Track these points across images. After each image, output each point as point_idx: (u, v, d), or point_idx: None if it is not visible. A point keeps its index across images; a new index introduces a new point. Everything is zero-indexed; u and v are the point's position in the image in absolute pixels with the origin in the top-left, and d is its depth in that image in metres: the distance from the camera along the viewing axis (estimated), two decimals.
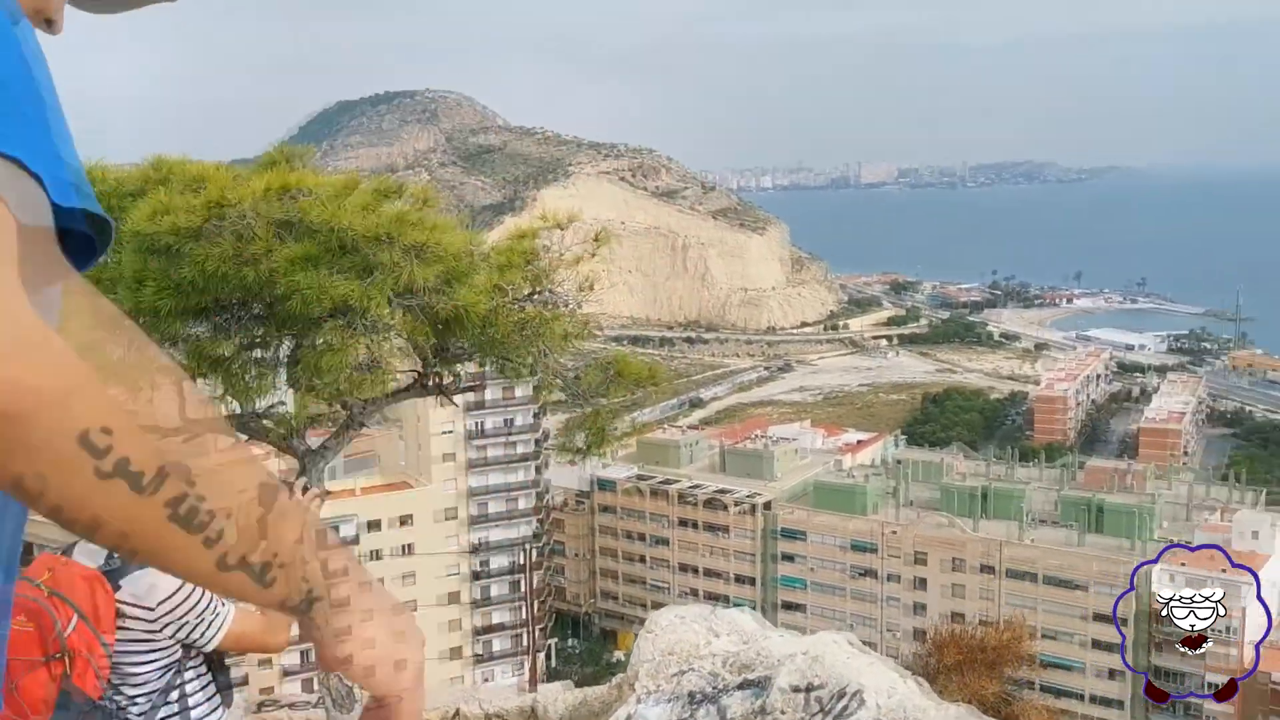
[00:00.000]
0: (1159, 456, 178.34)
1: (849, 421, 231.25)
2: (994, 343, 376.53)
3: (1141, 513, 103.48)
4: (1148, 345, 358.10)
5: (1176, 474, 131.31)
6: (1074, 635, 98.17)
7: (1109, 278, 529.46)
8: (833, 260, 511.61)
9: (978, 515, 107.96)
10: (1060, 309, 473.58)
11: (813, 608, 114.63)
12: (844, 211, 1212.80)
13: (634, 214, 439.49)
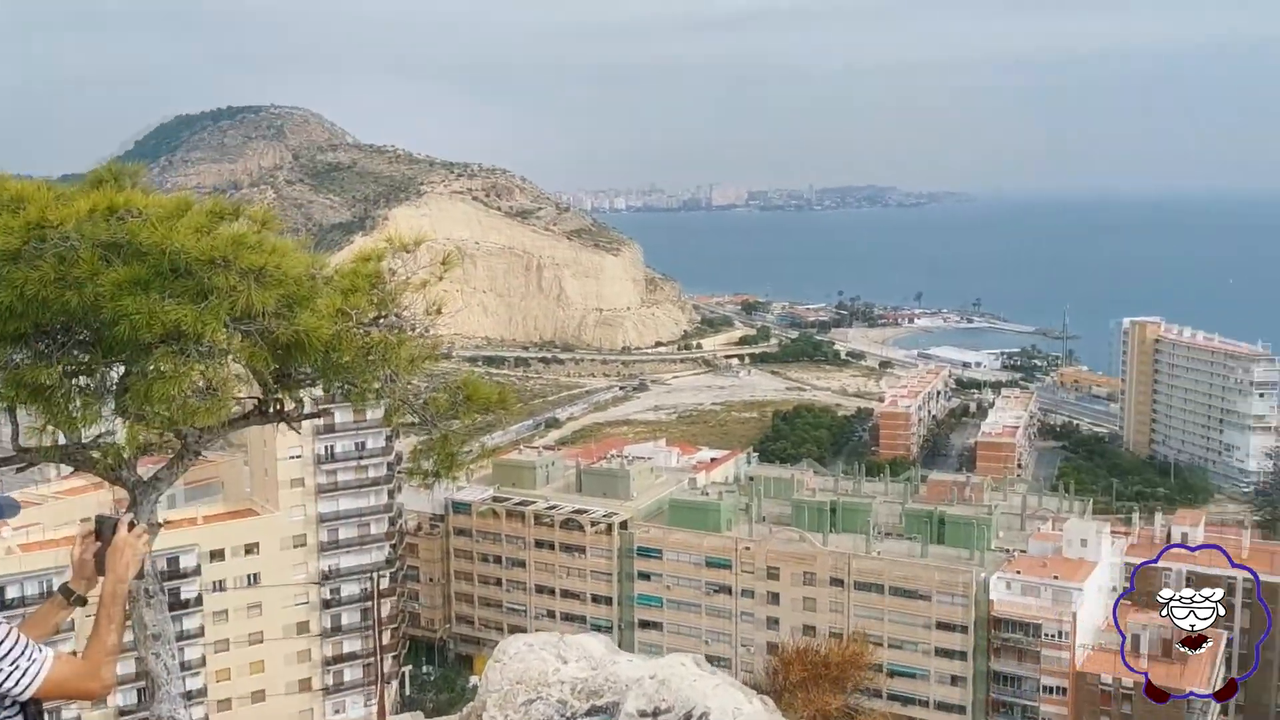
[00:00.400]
0: (995, 469, 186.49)
1: (703, 439, 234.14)
2: (841, 361, 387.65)
3: (979, 524, 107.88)
4: (983, 363, 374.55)
5: (1011, 486, 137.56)
6: (918, 644, 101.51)
7: (947, 298, 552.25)
8: (686, 281, 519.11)
9: (827, 529, 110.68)
10: (902, 328, 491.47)
11: (669, 625, 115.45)
12: (696, 233, 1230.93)
13: (488, 234, 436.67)
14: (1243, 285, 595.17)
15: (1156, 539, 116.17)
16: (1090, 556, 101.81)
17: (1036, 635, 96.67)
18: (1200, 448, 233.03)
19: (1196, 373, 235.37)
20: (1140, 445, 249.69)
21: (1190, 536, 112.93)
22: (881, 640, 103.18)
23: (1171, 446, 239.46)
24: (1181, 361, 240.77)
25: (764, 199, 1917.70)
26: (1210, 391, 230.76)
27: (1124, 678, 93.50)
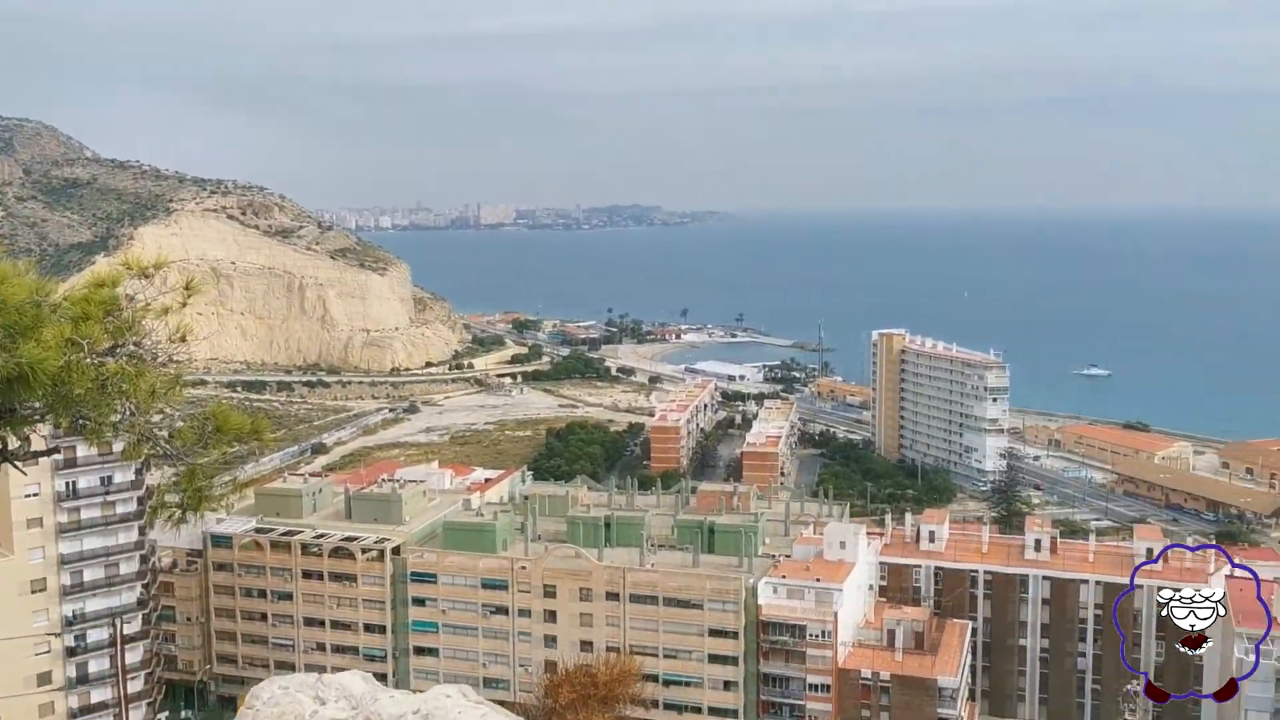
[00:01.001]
0: (760, 478, 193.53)
1: (477, 460, 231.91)
2: (612, 377, 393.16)
3: (747, 531, 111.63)
4: (747, 376, 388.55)
5: (776, 493, 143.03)
6: (692, 652, 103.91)
7: (712, 313, 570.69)
8: (456, 300, 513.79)
9: (602, 544, 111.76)
10: (670, 344, 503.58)
11: (446, 650, 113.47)
12: (466, 251, 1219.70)
13: (246, 253, 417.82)
14: (977, 298, 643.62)
15: (908, 538, 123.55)
16: (849, 557, 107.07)
17: (802, 636, 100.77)
18: (943, 450, 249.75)
19: (938, 380, 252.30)
20: (891, 450, 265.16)
21: (937, 535, 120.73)
22: (657, 651, 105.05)
23: (918, 450, 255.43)
24: (924, 370, 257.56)
25: (532, 218, 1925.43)
26: (950, 397, 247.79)
27: (882, 671, 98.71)
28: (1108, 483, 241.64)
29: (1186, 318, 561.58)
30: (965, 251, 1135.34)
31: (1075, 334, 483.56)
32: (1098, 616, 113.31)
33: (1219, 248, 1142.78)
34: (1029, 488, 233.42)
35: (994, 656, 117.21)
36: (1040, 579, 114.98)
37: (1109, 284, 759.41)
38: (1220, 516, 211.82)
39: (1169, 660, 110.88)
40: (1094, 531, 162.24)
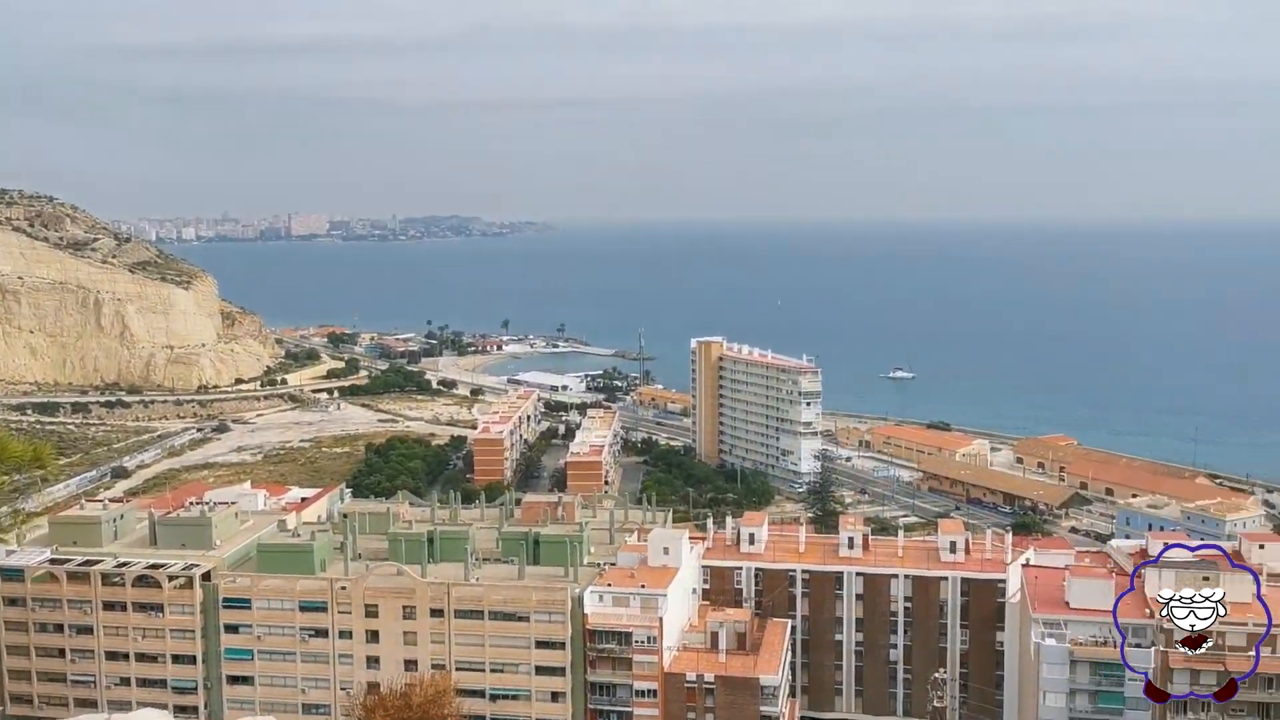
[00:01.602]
0: (585, 487, 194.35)
1: (293, 479, 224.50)
2: (433, 390, 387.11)
3: (572, 541, 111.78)
4: (570, 386, 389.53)
5: (600, 502, 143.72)
6: (520, 665, 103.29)
7: (533, 324, 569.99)
8: (268, 314, 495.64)
9: (426, 561, 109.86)
10: (492, 355, 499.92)
11: (262, 678, 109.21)
12: (277, 263, 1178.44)
13: (35, 267, 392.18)
14: (790, 307, 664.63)
15: (729, 541, 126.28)
16: (673, 563, 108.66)
17: (628, 643, 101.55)
18: (762, 454, 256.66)
19: (755, 386, 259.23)
20: (711, 455, 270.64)
21: (757, 537, 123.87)
22: (484, 666, 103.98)
23: (738, 455, 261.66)
24: (742, 377, 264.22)
25: (346, 229, 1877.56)
26: (767, 402, 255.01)
27: (707, 673, 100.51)
28: (914, 480, 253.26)
29: (983, 323, 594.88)
30: (779, 261, 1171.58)
31: (882, 339, 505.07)
32: (908, 609, 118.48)
33: (1012, 255, 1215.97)
34: (843, 488, 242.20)
35: (813, 653, 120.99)
36: (854, 575, 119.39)
37: (913, 291, 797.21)
38: (1016, 509, 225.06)
39: (973, 646, 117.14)
40: (902, 527, 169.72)
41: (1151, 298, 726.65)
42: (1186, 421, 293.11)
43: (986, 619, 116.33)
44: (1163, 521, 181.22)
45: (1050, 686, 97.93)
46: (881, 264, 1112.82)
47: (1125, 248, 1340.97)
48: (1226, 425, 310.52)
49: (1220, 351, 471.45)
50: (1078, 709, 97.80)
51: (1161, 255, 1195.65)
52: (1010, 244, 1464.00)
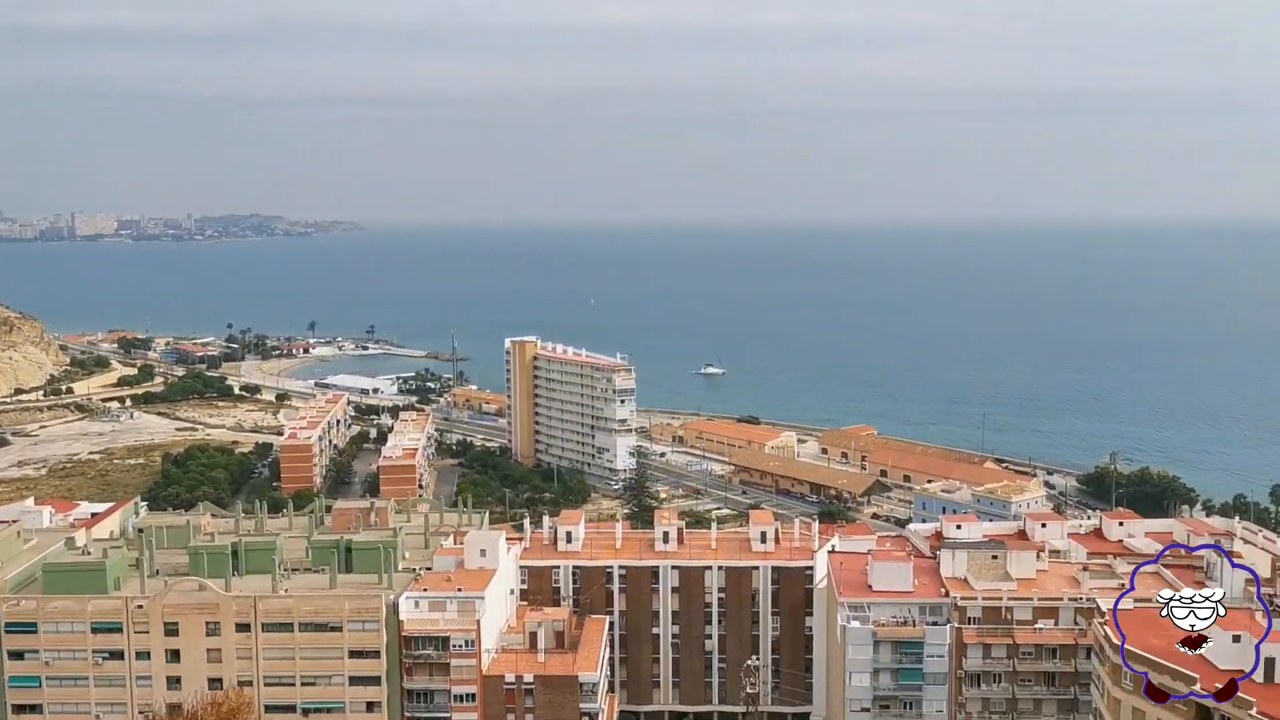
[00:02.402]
0: (399, 492, 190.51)
1: (82, 493, 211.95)
2: (236, 396, 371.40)
3: (386, 547, 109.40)
4: (382, 389, 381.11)
5: (415, 506, 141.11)
6: (333, 677, 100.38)
7: (341, 326, 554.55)
8: (50, 319, 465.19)
9: (230, 574, 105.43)
10: (298, 359, 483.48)
11: (52, 706, 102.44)
12: (59, 265, 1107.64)
13: None
14: (603, 306, 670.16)
15: (546, 540, 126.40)
16: (490, 565, 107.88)
17: (446, 648, 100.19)
18: (578, 452, 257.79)
19: (570, 385, 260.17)
20: (528, 455, 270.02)
21: (574, 535, 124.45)
22: (294, 679, 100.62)
23: (555, 454, 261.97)
24: (557, 375, 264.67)
25: (137, 228, 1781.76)
26: (582, 401, 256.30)
27: (526, 673, 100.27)
28: (727, 474, 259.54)
29: (789, 318, 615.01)
30: (591, 261, 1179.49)
31: (693, 336, 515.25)
32: (722, 600, 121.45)
33: (815, 254, 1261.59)
34: (659, 483, 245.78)
35: (631, 647, 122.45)
36: (670, 569, 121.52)
37: (722, 289, 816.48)
38: (822, 498, 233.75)
39: (784, 632, 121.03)
40: (715, 520, 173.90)
41: (941, 294, 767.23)
42: (975, 410, 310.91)
43: (796, 605, 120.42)
44: (956, 505, 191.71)
45: (855, 667, 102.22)
46: (692, 263, 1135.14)
47: (918, 246, 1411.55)
48: (1010, 412, 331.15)
49: (1002, 344, 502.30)
50: (882, 687, 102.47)
51: (949, 253, 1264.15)
52: (813, 243, 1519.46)
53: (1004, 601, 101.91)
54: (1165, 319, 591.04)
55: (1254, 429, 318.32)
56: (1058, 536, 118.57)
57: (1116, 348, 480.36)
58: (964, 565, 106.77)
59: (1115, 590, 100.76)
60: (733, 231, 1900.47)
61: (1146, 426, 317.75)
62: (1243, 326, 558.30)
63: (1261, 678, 77.01)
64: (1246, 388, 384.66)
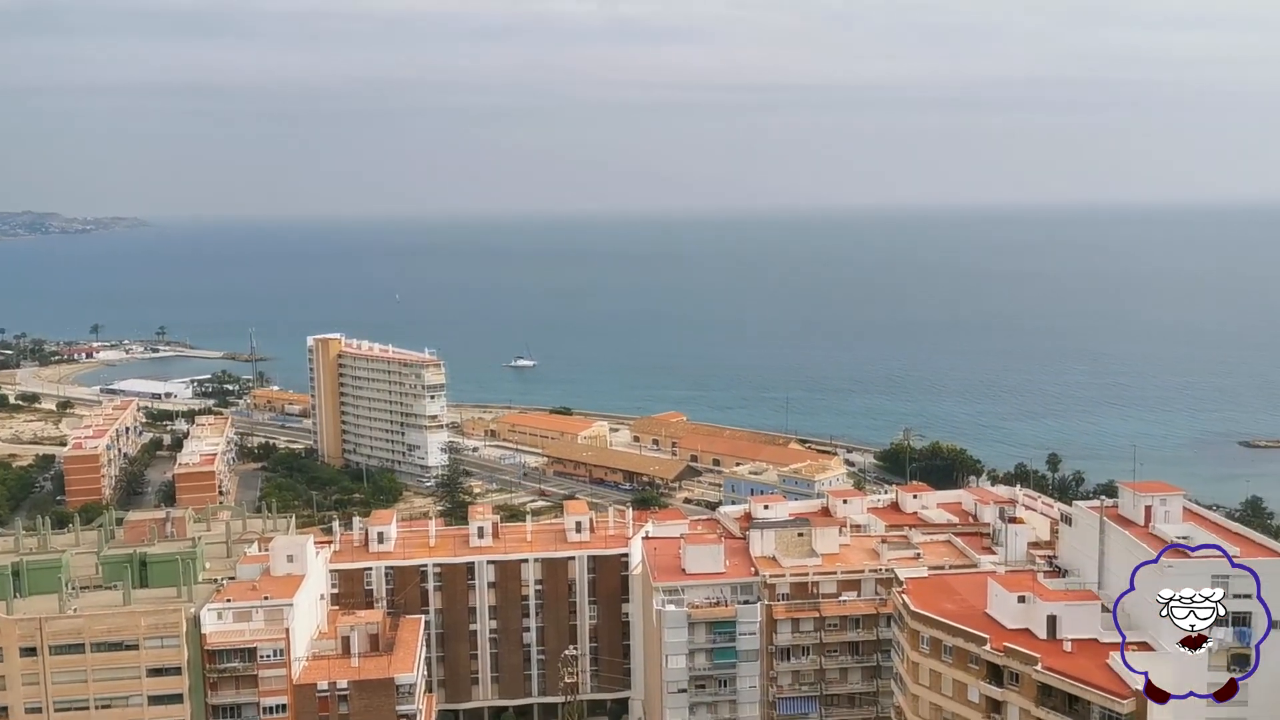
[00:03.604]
0: (198, 500, 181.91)
1: None
2: (12, 406, 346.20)
3: (185, 559, 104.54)
4: (176, 393, 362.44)
5: (215, 514, 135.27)
6: (130, 697, 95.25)
7: (129, 328, 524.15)
8: None
9: (12, 595, 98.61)
10: (82, 364, 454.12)
11: None
12: None
13: None
14: (410, 300, 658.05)
15: (357, 542, 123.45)
16: (299, 570, 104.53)
17: (253, 659, 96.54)
18: (388, 451, 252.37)
19: (377, 382, 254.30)
20: (336, 455, 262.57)
21: (386, 535, 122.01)
22: (88, 703, 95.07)
23: (364, 453, 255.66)
24: (364, 373, 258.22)
25: None
26: (391, 398, 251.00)
27: (340, 679, 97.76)
28: (541, 465, 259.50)
29: (598, 309, 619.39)
30: (395, 255, 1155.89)
31: (503, 329, 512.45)
32: (540, 591, 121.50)
33: (618, 245, 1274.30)
34: (472, 478, 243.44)
35: (449, 645, 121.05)
36: (486, 564, 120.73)
37: (532, 280, 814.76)
38: (635, 485, 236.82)
39: (602, 620, 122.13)
40: (531, 512, 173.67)
41: (743, 282, 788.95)
42: (778, 394, 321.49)
43: (613, 593, 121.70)
44: (763, 486, 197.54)
45: (672, 649, 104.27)
46: (499, 256, 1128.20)
47: (717, 235, 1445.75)
48: (812, 395, 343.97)
49: (801, 329, 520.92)
50: (698, 667, 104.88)
51: (748, 242, 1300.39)
52: (618, 233, 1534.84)
53: (810, 577, 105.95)
54: (942, 301, 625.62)
55: (1028, 402, 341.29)
56: (858, 512, 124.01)
57: (905, 330, 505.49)
58: (772, 544, 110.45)
59: (912, 560, 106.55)
60: (538, 223, 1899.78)
61: (935, 403, 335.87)
62: (987, 305, 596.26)
63: (1044, 634, 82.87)
64: (1019, 364, 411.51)
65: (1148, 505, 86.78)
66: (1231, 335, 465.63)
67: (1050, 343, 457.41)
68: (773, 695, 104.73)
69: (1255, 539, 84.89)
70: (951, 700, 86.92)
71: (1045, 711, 79.38)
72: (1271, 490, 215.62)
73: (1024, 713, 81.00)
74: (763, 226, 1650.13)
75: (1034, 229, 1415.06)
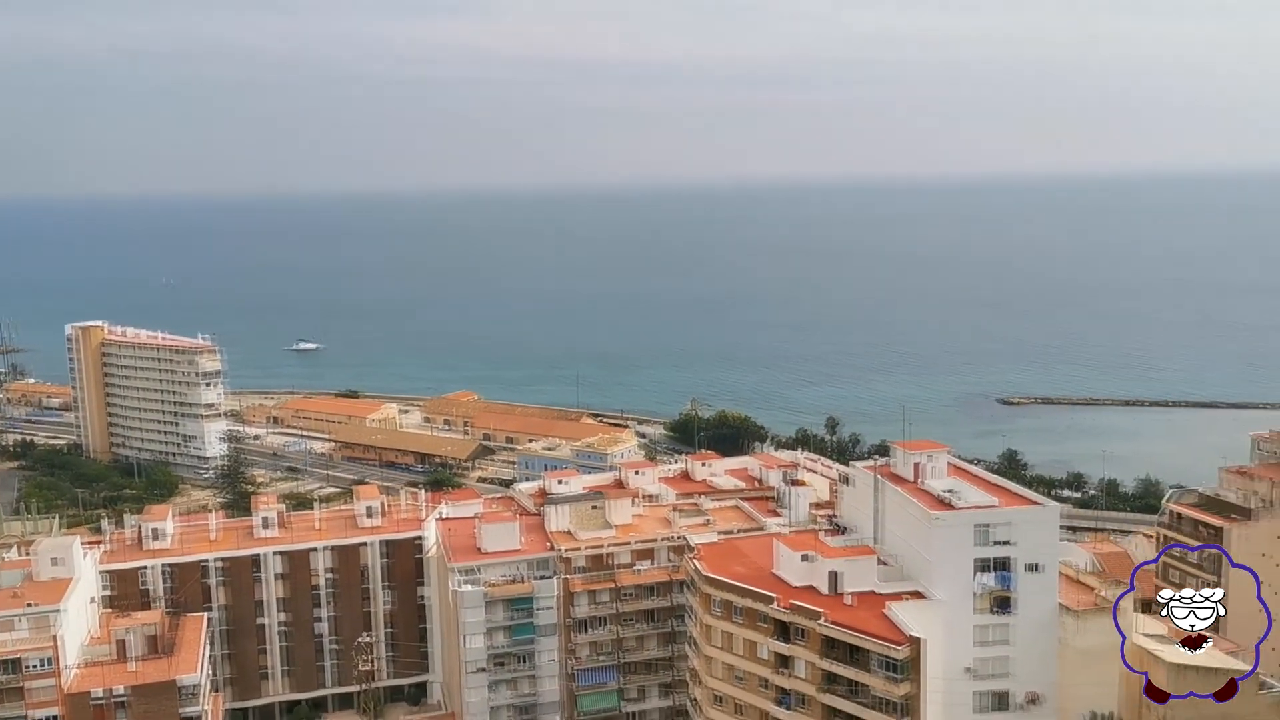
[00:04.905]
0: None
1: None
2: None
3: None
4: None
5: None
6: None
7: None
8: None
9: None
10: None
11: None
12: None
13: None
14: (182, 284, 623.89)
15: (131, 541, 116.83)
16: (66, 574, 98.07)
17: (18, 670, 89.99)
18: (162, 443, 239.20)
19: (147, 371, 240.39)
20: (103, 450, 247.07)
21: (162, 532, 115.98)
22: None
23: (134, 447, 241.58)
24: (130, 362, 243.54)
25: None
26: (163, 387, 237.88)
27: (116, 685, 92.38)
28: (329, 451, 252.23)
29: (385, 290, 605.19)
30: (159, 237, 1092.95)
31: (284, 312, 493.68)
32: (332, 580, 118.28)
33: (404, 224, 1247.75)
34: (256, 467, 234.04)
35: (236, 642, 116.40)
36: (273, 555, 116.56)
37: (315, 262, 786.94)
38: (429, 467, 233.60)
39: (399, 605, 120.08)
40: (319, 499, 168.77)
41: (536, 257, 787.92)
42: (570, 370, 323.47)
43: (409, 576, 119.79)
44: (558, 461, 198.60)
45: (470, 629, 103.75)
46: (276, 236, 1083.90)
47: (510, 211, 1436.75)
48: (602, 370, 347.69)
49: (591, 304, 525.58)
50: (497, 645, 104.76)
51: (536, 218, 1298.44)
52: (408, 211, 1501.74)
53: (606, 549, 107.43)
54: (726, 274, 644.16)
55: (808, 370, 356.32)
56: (651, 482, 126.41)
57: (690, 303, 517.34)
58: (567, 518, 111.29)
59: (703, 526, 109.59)
60: (319, 201, 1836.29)
61: (722, 374, 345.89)
62: (767, 277, 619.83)
63: (827, 590, 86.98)
64: (799, 334, 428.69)
65: (917, 462, 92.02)
66: (989, 302, 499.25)
67: (828, 313, 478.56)
68: (572, 667, 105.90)
69: (1013, 489, 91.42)
70: (743, 659, 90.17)
71: (830, 663, 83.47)
72: (1026, 443, 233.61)
73: (810, 666, 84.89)
74: (549, 203, 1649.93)
75: (812, 204, 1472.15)
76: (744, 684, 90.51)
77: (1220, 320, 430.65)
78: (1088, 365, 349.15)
